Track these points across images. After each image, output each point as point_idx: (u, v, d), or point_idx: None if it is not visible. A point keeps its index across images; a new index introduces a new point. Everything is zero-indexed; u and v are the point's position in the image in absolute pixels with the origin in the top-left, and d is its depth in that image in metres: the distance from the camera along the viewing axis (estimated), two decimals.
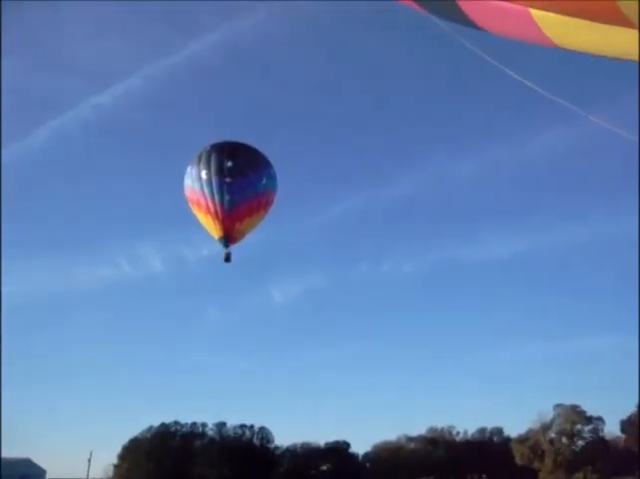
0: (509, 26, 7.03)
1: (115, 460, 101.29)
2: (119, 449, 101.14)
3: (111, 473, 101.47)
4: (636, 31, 5.64)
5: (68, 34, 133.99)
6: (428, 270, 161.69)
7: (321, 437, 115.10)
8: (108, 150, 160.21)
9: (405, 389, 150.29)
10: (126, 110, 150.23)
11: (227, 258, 19.06)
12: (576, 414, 69.03)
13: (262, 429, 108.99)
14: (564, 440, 68.86)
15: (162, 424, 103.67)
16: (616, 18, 5.54)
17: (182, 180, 20.28)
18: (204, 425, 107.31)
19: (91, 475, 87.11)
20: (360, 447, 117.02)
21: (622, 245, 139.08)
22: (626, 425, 73.09)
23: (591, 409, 66.46)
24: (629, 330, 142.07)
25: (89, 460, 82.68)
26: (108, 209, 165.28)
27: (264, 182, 19.41)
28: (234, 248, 19.90)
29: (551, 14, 6.14)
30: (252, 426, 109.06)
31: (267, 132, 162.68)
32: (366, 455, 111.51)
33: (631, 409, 74.34)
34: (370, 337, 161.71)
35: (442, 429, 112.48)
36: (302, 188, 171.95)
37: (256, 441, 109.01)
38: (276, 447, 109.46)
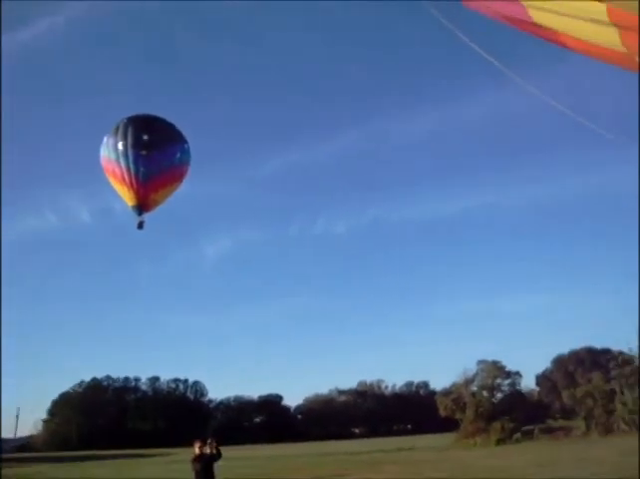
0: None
1: (44, 416, 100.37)
2: (49, 405, 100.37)
3: (40, 428, 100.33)
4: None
5: None
6: (360, 229, 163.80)
7: (255, 391, 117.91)
8: (30, 94, 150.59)
9: (336, 345, 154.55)
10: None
11: (140, 226, 19.48)
12: (497, 369, 73.00)
13: (196, 383, 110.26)
14: (485, 393, 72.79)
15: (94, 379, 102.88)
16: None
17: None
18: (137, 379, 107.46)
19: (19, 432, 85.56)
20: (292, 400, 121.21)
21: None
22: (541, 379, 79.90)
23: (512, 365, 70.76)
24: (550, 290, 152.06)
25: (16, 416, 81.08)
26: (32, 157, 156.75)
27: (179, 156, 19.73)
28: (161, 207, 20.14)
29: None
30: (186, 380, 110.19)
31: (201, 85, 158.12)
32: (298, 408, 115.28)
33: (546, 365, 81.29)
34: (302, 293, 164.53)
35: (371, 383, 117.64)
36: (236, 143, 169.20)
37: (190, 395, 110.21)
38: (210, 401, 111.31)
